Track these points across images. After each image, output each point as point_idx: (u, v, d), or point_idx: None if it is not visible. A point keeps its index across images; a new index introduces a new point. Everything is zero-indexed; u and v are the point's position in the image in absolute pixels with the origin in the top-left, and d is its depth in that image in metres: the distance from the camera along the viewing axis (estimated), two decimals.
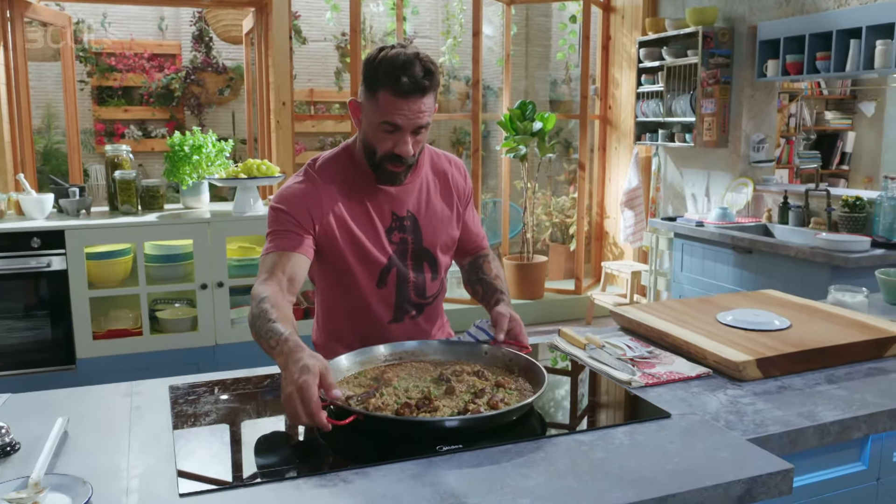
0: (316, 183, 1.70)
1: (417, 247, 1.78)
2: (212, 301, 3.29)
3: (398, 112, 1.57)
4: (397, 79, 1.54)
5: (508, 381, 1.52)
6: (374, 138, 1.63)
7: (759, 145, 4.81)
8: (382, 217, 1.74)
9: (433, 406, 1.37)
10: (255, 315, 1.51)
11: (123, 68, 6.70)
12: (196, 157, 3.38)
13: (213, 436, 1.37)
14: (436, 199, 1.83)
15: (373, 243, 1.72)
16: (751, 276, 3.98)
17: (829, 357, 1.70)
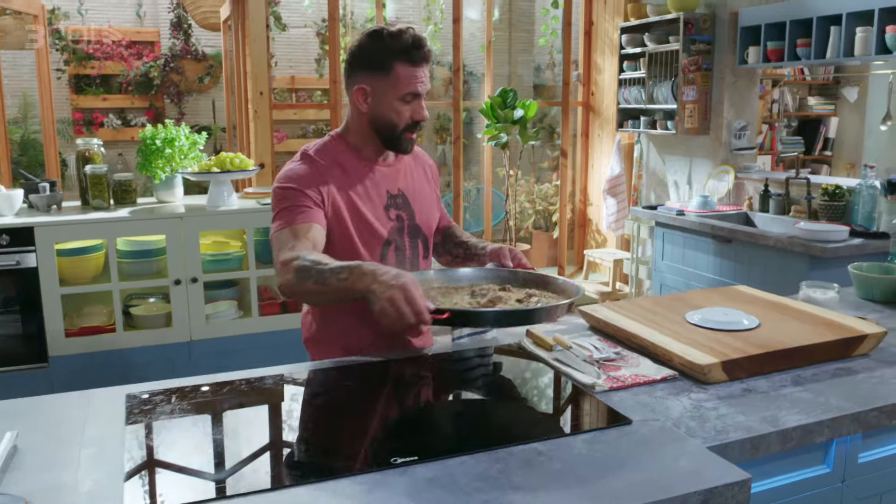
0: (317, 164, 1.79)
1: (412, 223, 1.89)
2: (186, 297, 3.26)
3: (417, 80, 1.73)
4: (415, 50, 1.70)
5: (535, 291, 1.76)
6: (394, 112, 1.75)
7: (740, 132, 4.79)
8: (379, 194, 1.84)
9: (499, 308, 1.61)
10: (303, 269, 1.56)
11: (101, 56, 6.61)
12: (168, 150, 3.33)
13: (167, 450, 1.34)
14: (420, 181, 1.95)
15: (375, 218, 1.81)
16: (731, 266, 3.97)
17: (796, 358, 1.69)
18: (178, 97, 6.78)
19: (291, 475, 1.24)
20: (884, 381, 1.62)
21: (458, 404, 1.60)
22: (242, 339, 3.38)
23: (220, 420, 1.47)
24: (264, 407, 1.55)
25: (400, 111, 1.75)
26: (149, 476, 1.23)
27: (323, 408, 1.56)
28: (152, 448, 1.33)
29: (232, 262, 3.40)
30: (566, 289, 1.78)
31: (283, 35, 6.98)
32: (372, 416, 1.48)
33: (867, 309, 2.18)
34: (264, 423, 1.47)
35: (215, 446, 1.34)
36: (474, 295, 1.74)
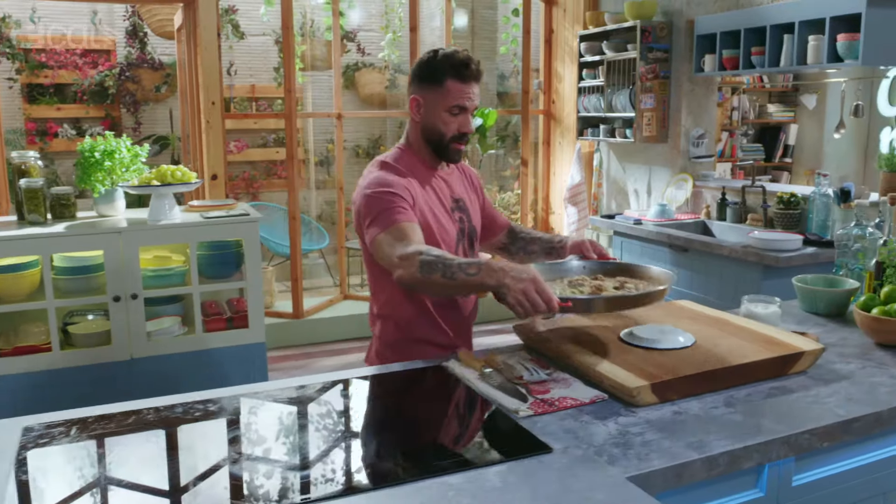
0: (399, 171, 1.94)
1: (469, 226, 2.08)
2: (126, 314, 3.15)
3: (464, 95, 1.90)
4: (465, 67, 1.88)
5: (626, 279, 1.87)
6: (442, 122, 1.93)
7: (698, 140, 4.77)
8: (446, 199, 2.02)
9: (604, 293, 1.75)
10: (429, 263, 1.69)
11: (55, 65, 6.46)
12: (108, 162, 3.23)
13: (56, 489, 1.25)
14: (467, 189, 2.13)
15: (447, 220, 1.99)
16: (688, 275, 3.94)
17: (731, 378, 1.64)
18: (135, 107, 6.63)
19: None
20: (818, 401, 1.58)
21: (365, 434, 1.52)
22: (186, 357, 3.28)
23: (104, 459, 1.38)
24: (163, 442, 1.46)
25: (447, 122, 1.93)
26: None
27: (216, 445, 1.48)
28: (43, 487, 1.25)
29: (174, 277, 3.30)
30: (653, 276, 1.90)
31: (244, 44, 6.88)
32: (271, 452, 1.41)
33: (810, 323, 2.14)
34: (162, 461, 1.38)
35: (114, 482, 1.26)
36: (573, 285, 1.85)
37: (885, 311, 1.88)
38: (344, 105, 7.34)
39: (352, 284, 6.36)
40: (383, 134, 7.57)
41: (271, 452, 1.38)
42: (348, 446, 1.41)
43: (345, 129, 7.44)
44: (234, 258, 3.38)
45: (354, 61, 7.27)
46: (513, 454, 1.34)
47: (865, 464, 1.58)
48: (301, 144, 7.31)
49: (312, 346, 5.06)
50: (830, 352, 1.88)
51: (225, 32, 6.63)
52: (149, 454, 1.38)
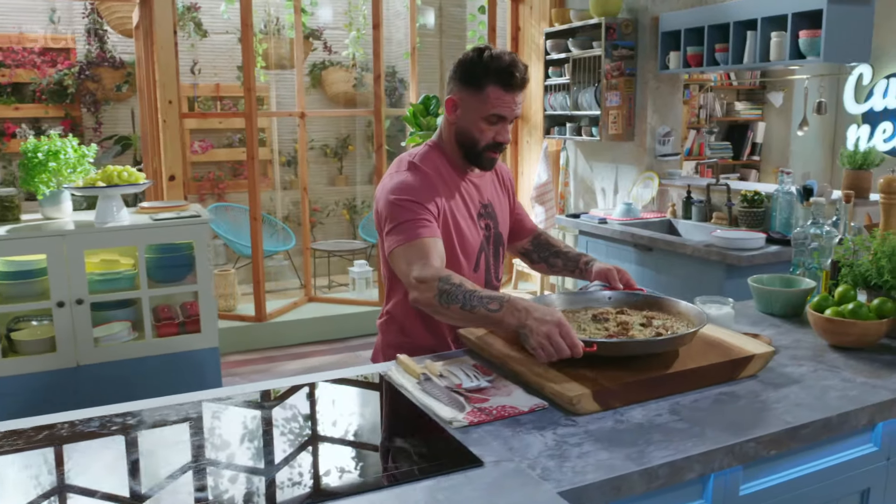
0: (426, 174, 1.84)
1: (496, 232, 2.00)
2: (71, 319, 3.04)
3: (505, 105, 1.80)
4: (510, 75, 1.77)
5: (653, 314, 1.77)
6: (477, 129, 1.83)
7: (664, 138, 4.74)
8: (473, 204, 1.94)
9: (630, 334, 1.62)
10: (448, 292, 1.64)
11: (12, 63, 6.30)
12: (52, 163, 3.11)
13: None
14: (500, 192, 2.06)
15: (471, 228, 1.91)
16: (652, 275, 3.89)
17: (677, 384, 1.58)
18: (95, 106, 6.49)
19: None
20: (767, 407, 1.52)
21: (288, 449, 1.44)
22: (135, 363, 3.18)
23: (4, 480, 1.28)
24: (52, 463, 1.37)
25: (483, 130, 1.83)
26: None
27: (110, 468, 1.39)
28: None
29: (123, 281, 3.20)
30: (682, 311, 1.79)
31: (208, 42, 6.76)
32: (176, 475, 1.32)
33: (766, 324, 2.09)
34: (42, 486, 1.28)
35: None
36: (597, 319, 1.76)
37: (838, 312, 1.83)
38: (311, 104, 7.25)
39: (318, 286, 6.27)
40: (352, 133, 7.48)
41: (176, 475, 1.29)
42: (269, 462, 1.33)
43: (312, 128, 7.35)
44: (185, 261, 3.28)
45: (321, 60, 7.17)
46: (442, 469, 1.26)
47: (815, 471, 1.53)
48: (267, 144, 7.21)
49: (275, 350, 4.96)
50: (783, 354, 1.82)
51: (187, 30, 6.51)
52: (33, 476, 1.29)
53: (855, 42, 3.54)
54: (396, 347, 1.94)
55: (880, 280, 1.88)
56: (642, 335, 1.68)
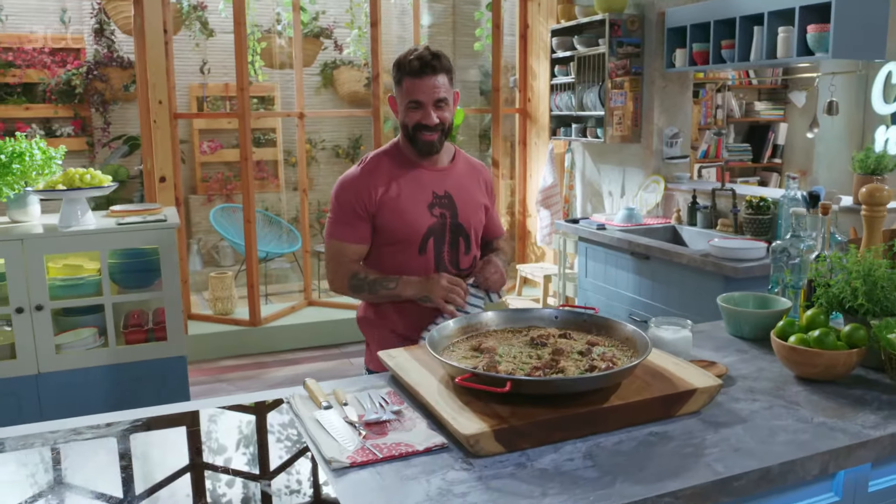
0: (366, 170, 2.09)
1: (454, 221, 2.11)
2: (31, 326, 2.95)
3: (418, 90, 1.98)
4: (411, 63, 1.97)
5: (597, 339, 1.66)
6: (406, 117, 2.02)
7: (672, 140, 4.50)
8: (424, 194, 2.08)
9: (560, 367, 1.48)
10: (356, 286, 2.07)
11: (22, 64, 6.30)
12: (17, 165, 3.03)
13: None
14: (470, 186, 2.17)
15: (415, 213, 2.06)
16: (649, 284, 3.68)
17: (603, 421, 1.39)
18: (104, 106, 6.46)
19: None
20: (699, 452, 1.32)
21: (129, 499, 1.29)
22: (98, 371, 3.07)
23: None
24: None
25: (409, 116, 2.01)
26: None
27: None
28: None
29: (87, 286, 3.10)
30: (629, 337, 1.63)
31: (218, 41, 6.68)
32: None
33: (731, 349, 1.88)
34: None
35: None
36: (534, 343, 1.65)
37: (803, 340, 1.62)
38: (322, 104, 7.14)
39: (323, 290, 6.14)
40: (365, 133, 7.35)
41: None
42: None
43: (324, 128, 7.24)
44: (151, 266, 3.17)
45: (333, 59, 7.05)
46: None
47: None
48: (276, 145, 7.12)
49: (268, 356, 4.85)
50: (738, 386, 1.62)
51: (193, 30, 6.44)
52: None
53: (868, 37, 3.28)
54: (379, 342, 2.11)
55: (855, 303, 1.67)
56: (575, 367, 1.50)
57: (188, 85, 6.86)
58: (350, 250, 2.09)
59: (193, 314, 5.08)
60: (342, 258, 2.09)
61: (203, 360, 4.75)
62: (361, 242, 2.09)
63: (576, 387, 1.40)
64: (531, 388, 1.39)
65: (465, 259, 2.16)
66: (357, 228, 2.08)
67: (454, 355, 1.60)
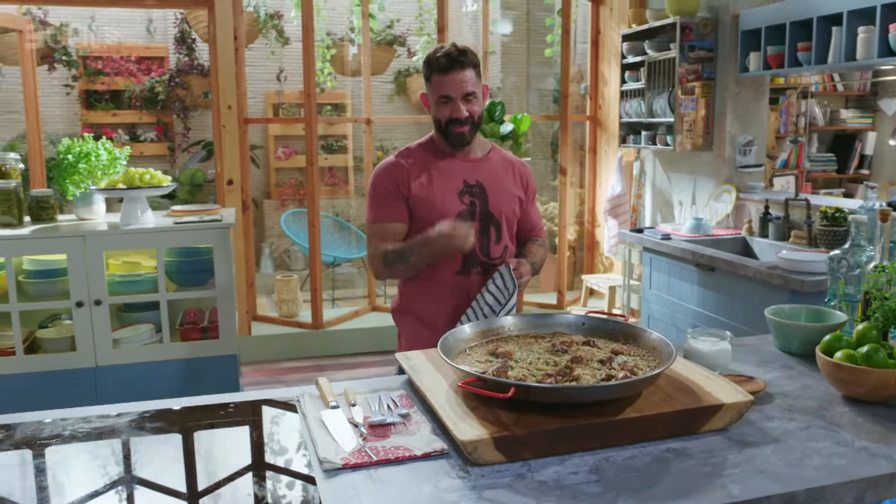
0: (399, 157, 2.19)
1: (484, 209, 2.15)
2: (90, 320, 3.05)
3: (446, 85, 2.06)
4: (438, 60, 2.05)
5: (622, 348, 1.57)
6: (437, 112, 2.11)
7: (745, 148, 4.30)
8: (455, 182, 2.15)
9: (574, 375, 1.40)
10: (385, 260, 2.11)
11: (111, 72, 6.59)
12: (83, 165, 3.14)
13: None
14: (504, 178, 2.21)
15: (444, 200, 2.12)
16: (714, 297, 3.51)
17: (611, 434, 1.31)
18: (184, 112, 6.69)
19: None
20: (717, 472, 1.22)
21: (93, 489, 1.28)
22: (152, 366, 3.14)
23: None
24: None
25: (441, 111, 2.10)
26: None
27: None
28: None
29: (144, 283, 3.18)
30: (657, 347, 1.54)
31: (293, 49, 6.81)
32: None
33: (776, 364, 1.75)
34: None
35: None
36: (555, 350, 1.58)
37: (850, 356, 1.49)
38: (395, 111, 7.19)
39: (390, 295, 6.15)
40: None
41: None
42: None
43: (395, 135, 7.28)
44: (205, 266, 3.23)
45: (406, 66, 7.09)
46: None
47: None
48: (348, 151, 7.21)
49: (329, 359, 4.89)
50: (776, 404, 1.50)
51: (269, 38, 6.60)
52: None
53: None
54: (409, 334, 2.21)
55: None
56: (592, 375, 1.42)
57: (265, 92, 7.02)
58: (389, 230, 2.14)
59: (259, 315, 5.16)
60: (381, 239, 2.14)
61: (265, 361, 4.82)
62: (400, 220, 2.14)
63: (585, 396, 1.32)
64: (537, 396, 1.32)
65: (497, 248, 2.18)
66: (395, 208, 2.14)
67: (469, 359, 1.55)
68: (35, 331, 3.22)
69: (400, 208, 2.14)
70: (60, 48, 6.35)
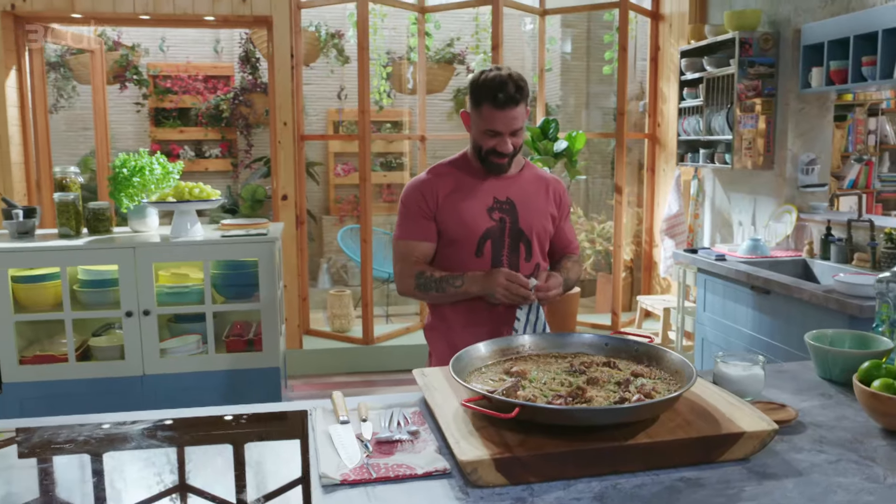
0: (431, 173, 2.17)
1: (514, 227, 2.12)
2: (139, 329, 3.13)
3: (497, 121, 2.01)
4: (495, 96, 1.98)
5: (644, 370, 1.52)
6: (481, 140, 2.07)
7: (808, 167, 4.14)
8: (485, 198, 2.12)
9: (586, 397, 1.35)
10: (421, 284, 2.07)
11: (179, 90, 6.82)
12: (137, 179, 3.24)
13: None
14: (535, 195, 2.18)
15: (473, 215, 2.09)
16: (769, 321, 3.37)
17: (620, 460, 1.25)
18: (248, 129, 6.86)
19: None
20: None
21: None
22: (196, 377, 3.20)
23: None
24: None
25: (484, 141, 2.06)
26: None
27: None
28: None
29: (192, 295, 3.24)
30: (679, 370, 1.48)
31: (354, 68, 6.91)
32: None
33: (814, 392, 1.66)
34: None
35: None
36: (572, 370, 1.53)
37: (888, 386, 1.39)
38: (453, 129, 7.22)
39: None
40: None
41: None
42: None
43: (453, 153, 7.29)
44: (250, 279, 3.27)
45: (464, 84, 7.11)
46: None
47: None
48: (407, 168, 7.26)
49: (378, 375, 4.89)
50: (807, 434, 1.41)
51: (329, 57, 6.72)
52: None
53: None
54: (439, 355, 2.16)
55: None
56: (605, 398, 1.37)
57: (326, 109, 7.15)
58: (417, 249, 2.12)
59: (311, 330, 5.22)
60: (409, 257, 2.12)
61: (315, 375, 4.86)
62: (428, 240, 2.12)
63: (594, 419, 1.27)
64: (544, 417, 1.27)
65: (527, 266, 2.15)
66: (423, 227, 2.12)
67: (484, 377, 1.51)
68: (88, 339, 3.32)
69: (427, 227, 2.12)
70: (132, 68, 6.60)
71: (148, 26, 6.06)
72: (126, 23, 5.49)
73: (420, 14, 5.26)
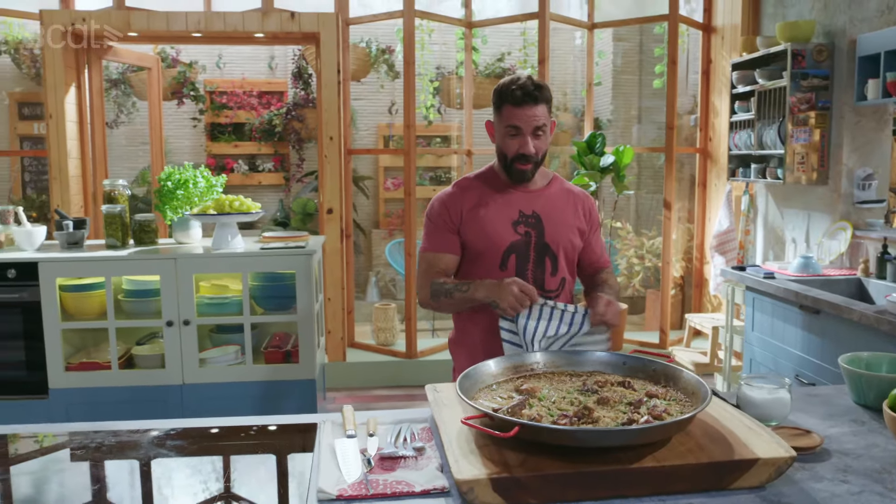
0: (457, 187, 2.18)
1: (539, 241, 2.10)
2: (179, 339, 3.18)
3: (517, 117, 2.00)
4: (513, 93, 1.99)
5: (658, 390, 1.48)
6: (504, 144, 2.06)
7: (864, 182, 3.98)
8: (510, 211, 2.11)
9: (593, 417, 1.32)
10: (434, 292, 2.08)
11: (234, 106, 6.98)
12: (181, 192, 3.31)
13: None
14: (563, 209, 2.16)
15: (497, 228, 2.08)
16: (818, 342, 3.24)
17: (624, 484, 1.20)
18: (300, 144, 6.97)
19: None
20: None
21: None
22: (234, 387, 3.24)
23: None
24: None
25: (508, 143, 2.05)
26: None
27: None
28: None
29: (231, 306, 3.29)
30: (695, 390, 1.44)
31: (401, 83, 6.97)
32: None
33: (845, 418, 1.57)
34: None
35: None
36: (585, 389, 1.51)
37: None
38: None
39: None
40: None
41: None
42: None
43: None
44: (288, 291, 3.30)
45: None
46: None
47: None
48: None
49: (420, 389, 4.87)
50: (831, 463, 1.34)
51: (380, 73, 6.78)
52: None
53: None
54: (461, 369, 2.08)
55: None
56: (613, 419, 1.33)
57: (377, 124, 7.22)
58: (440, 261, 2.12)
59: (356, 343, 5.24)
60: (431, 269, 2.12)
61: (358, 388, 4.88)
62: (450, 252, 2.12)
63: (597, 440, 1.23)
64: (547, 437, 1.24)
65: (552, 280, 2.12)
66: (446, 240, 2.12)
67: (493, 394, 1.48)
68: (132, 347, 3.40)
69: (451, 240, 2.12)
70: (189, 84, 6.78)
71: (199, 44, 6.22)
72: (179, 40, 5.65)
73: (467, 29, 5.27)
